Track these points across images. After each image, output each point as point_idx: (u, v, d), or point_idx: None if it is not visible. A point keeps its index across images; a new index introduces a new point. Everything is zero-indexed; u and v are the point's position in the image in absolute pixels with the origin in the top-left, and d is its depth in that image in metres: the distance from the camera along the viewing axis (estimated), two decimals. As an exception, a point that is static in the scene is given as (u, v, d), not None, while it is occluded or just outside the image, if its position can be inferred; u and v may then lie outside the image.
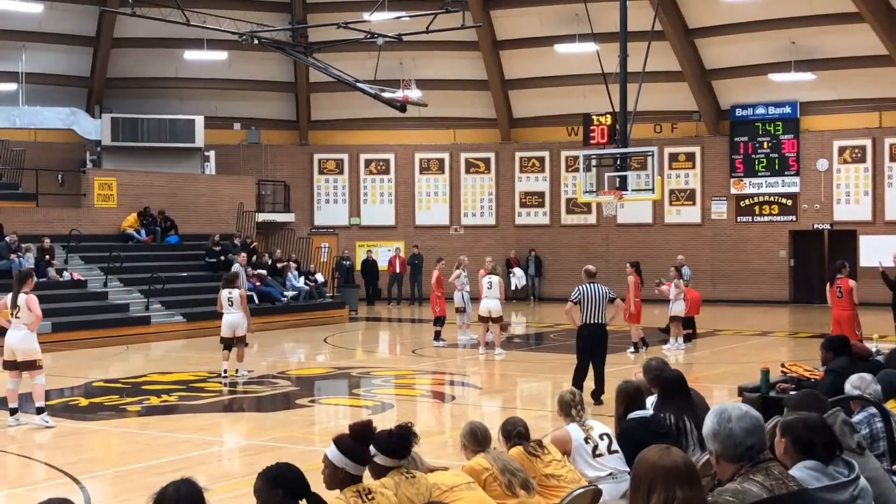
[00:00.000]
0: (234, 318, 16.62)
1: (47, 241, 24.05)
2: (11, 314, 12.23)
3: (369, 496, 4.86)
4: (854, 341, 10.27)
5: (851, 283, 17.04)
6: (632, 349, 19.15)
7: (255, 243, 29.08)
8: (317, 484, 4.71)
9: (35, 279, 13.13)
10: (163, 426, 12.43)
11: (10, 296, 12.39)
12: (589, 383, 13.55)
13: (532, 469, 6.16)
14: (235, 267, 23.62)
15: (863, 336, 15.46)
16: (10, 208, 25.81)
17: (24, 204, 26.73)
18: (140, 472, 10.03)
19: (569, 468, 6.39)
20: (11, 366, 12.20)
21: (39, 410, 12.18)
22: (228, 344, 16.60)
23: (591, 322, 13.51)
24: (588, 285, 13.64)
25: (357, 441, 4.98)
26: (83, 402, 14.45)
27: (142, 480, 9.53)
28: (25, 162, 28.36)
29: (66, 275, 23.93)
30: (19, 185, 27.92)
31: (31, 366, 12.22)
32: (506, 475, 5.87)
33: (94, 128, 30.26)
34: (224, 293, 16.71)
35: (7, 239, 23.47)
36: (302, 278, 27.91)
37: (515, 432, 6.44)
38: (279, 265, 27.97)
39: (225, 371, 16.47)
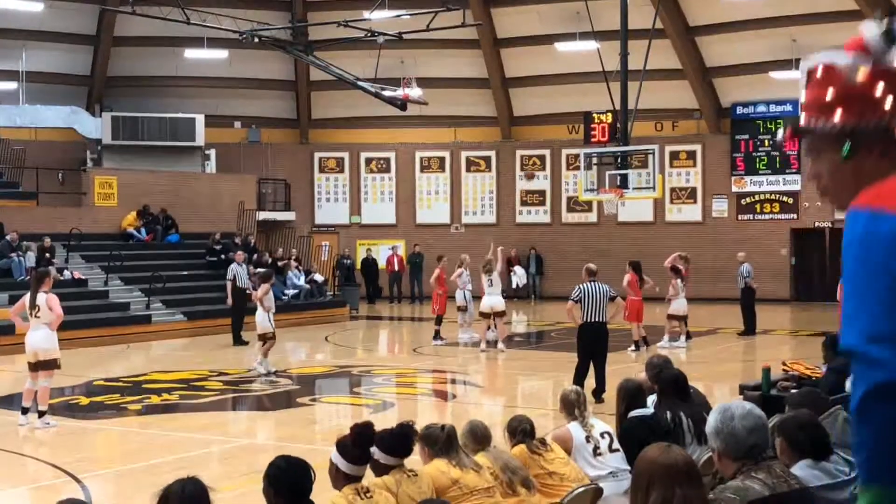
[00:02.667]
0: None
1: (47, 241, 24.03)
2: (31, 314, 12.26)
3: (367, 494, 4.87)
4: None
5: None
6: (633, 348, 19.14)
7: (254, 241, 29.06)
8: (324, 483, 4.71)
9: (52, 278, 13.15)
10: (163, 425, 12.44)
11: (27, 296, 12.43)
12: (590, 381, 13.54)
13: (534, 467, 6.16)
14: (233, 267, 23.59)
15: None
16: (11, 207, 25.80)
17: (24, 203, 26.73)
18: (141, 471, 10.02)
19: (572, 466, 6.39)
20: (34, 367, 12.24)
21: (41, 414, 12.18)
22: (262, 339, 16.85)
23: (592, 321, 13.52)
24: (588, 283, 13.66)
25: (355, 441, 4.99)
26: (84, 400, 14.45)
27: (143, 479, 9.53)
28: (26, 161, 28.37)
29: (67, 274, 23.92)
30: (20, 184, 27.92)
31: (52, 365, 12.24)
32: (506, 473, 5.87)
33: (94, 126, 30.26)
34: None
35: (7, 238, 23.47)
36: (303, 277, 27.91)
37: (520, 429, 6.45)
38: (279, 264, 27.97)
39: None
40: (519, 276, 29.77)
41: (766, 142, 30.91)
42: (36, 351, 12.19)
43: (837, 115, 2.19)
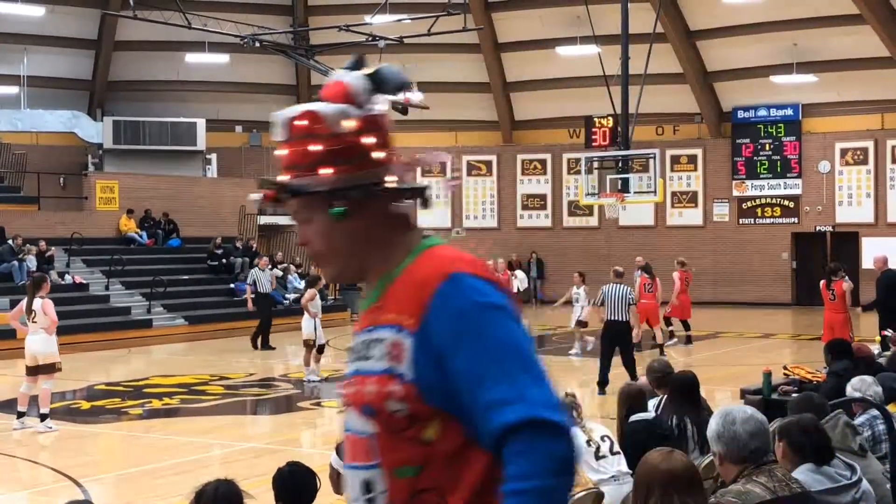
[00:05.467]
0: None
1: (42, 245, 23.92)
2: (28, 319, 12.29)
3: (369, 499, 4.87)
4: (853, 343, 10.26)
5: (846, 286, 16.77)
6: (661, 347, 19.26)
7: (255, 245, 29.06)
8: (325, 487, 4.71)
9: (49, 282, 13.17)
10: (164, 429, 12.44)
11: (25, 301, 12.46)
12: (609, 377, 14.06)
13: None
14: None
15: (862, 338, 15.42)
16: (12, 212, 25.81)
17: (25, 207, 26.75)
18: (141, 474, 10.02)
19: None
20: (33, 371, 12.25)
21: (43, 417, 12.18)
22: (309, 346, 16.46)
23: (612, 319, 14.68)
24: (611, 285, 14.81)
25: None
26: (85, 405, 14.46)
27: (144, 483, 9.53)
28: (27, 165, 28.39)
29: (68, 278, 23.92)
30: (21, 189, 27.94)
31: (51, 368, 12.25)
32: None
33: (95, 131, 30.27)
34: None
35: (9, 242, 23.47)
36: (303, 281, 27.87)
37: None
38: (279, 268, 27.95)
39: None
40: (520, 280, 29.75)
41: (767, 146, 30.91)
42: (35, 355, 12.22)
43: (326, 171, 1.96)
